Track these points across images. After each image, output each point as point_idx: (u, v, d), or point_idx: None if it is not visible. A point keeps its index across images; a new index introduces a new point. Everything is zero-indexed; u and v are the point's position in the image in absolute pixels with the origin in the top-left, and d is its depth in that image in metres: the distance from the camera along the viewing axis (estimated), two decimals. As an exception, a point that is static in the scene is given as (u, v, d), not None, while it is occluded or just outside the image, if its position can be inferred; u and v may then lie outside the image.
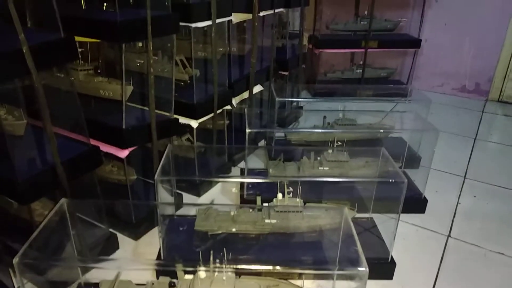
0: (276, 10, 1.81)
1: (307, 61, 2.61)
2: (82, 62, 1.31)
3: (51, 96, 0.94)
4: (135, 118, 1.26)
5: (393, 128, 1.81)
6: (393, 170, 1.11)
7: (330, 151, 1.50)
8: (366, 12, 2.52)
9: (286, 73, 2.08)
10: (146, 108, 1.26)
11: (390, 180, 1.06)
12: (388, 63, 2.79)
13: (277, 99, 1.61)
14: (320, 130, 1.59)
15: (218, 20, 1.37)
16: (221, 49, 1.59)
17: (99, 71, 1.39)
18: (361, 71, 2.64)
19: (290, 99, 1.98)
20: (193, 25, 1.27)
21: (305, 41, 2.62)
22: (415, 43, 2.56)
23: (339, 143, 1.47)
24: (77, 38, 1.17)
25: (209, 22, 1.33)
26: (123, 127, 1.16)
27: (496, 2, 2.46)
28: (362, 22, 2.51)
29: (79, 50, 1.28)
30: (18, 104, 1.05)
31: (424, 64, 2.77)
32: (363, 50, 2.53)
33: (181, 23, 1.24)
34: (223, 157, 1.69)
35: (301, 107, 2.31)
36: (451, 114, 2.42)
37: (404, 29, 2.71)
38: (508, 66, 2.54)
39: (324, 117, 1.76)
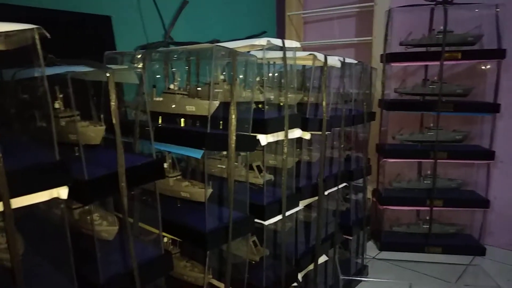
0: (340, 186, 2.00)
1: (371, 217, 2.71)
2: (172, 170, 1.47)
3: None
4: (215, 220, 1.38)
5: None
6: None
7: None
8: (428, 172, 2.64)
9: (351, 238, 2.18)
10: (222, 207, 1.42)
11: None
12: (456, 218, 2.77)
13: (341, 277, 1.69)
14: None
15: (287, 213, 1.56)
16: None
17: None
18: (428, 226, 2.66)
19: (355, 278, 2.04)
20: (266, 222, 1.47)
21: (369, 194, 2.76)
22: (483, 203, 2.55)
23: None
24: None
25: (279, 217, 1.53)
26: (206, 230, 1.28)
27: None
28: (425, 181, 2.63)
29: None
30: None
31: (496, 220, 2.70)
32: (428, 208, 2.60)
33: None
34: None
35: (366, 266, 2.34)
36: (532, 282, 2.27)
37: (469, 186, 2.75)
38: None
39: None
